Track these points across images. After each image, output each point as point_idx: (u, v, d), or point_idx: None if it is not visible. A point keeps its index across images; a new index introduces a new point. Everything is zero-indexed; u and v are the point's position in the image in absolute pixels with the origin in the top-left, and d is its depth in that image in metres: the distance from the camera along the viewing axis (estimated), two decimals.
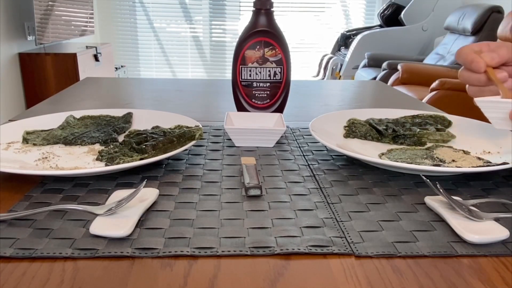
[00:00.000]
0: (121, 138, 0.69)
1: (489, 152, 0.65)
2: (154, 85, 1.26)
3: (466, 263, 0.39)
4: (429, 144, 0.70)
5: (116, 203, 0.45)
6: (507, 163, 0.55)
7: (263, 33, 0.78)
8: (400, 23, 4.20)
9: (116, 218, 0.43)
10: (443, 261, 0.39)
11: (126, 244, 0.40)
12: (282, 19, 4.46)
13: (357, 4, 4.65)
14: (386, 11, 4.36)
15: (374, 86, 1.32)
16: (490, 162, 0.59)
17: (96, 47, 3.32)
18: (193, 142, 0.62)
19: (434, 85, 2.13)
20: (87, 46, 3.31)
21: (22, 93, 2.97)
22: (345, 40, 4.52)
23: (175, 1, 4.44)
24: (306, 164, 0.62)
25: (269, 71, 0.80)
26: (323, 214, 0.47)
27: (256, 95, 0.82)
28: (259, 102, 0.82)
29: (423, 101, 1.96)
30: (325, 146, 0.67)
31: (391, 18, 4.30)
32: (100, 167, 0.55)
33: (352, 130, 0.72)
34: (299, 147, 0.70)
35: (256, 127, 0.70)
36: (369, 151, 0.66)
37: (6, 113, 2.71)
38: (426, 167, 0.56)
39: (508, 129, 0.57)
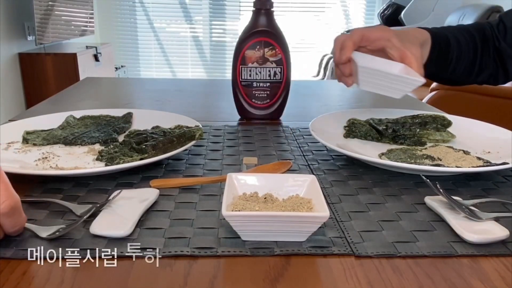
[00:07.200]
0: (121, 138, 0.69)
1: (489, 152, 0.65)
2: (154, 85, 1.26)
3: (466, 263, 0.39)
4: (429, 144, 0.70)
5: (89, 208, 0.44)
6: (507, 163, 0.55)
7: (263, 33, 0.78)
8: (400, 23, 4.19)
9: (116, 218, 0.43)
10: (443, 261, 0.39)
11: (126, 244, 0.40)
12: (282, 19, 4.46)
13: (357, 4, 4.64)
14: (386, 11, 4.35)
15: None
16: (490, 162, 0.59)
17: (96, 47, 3.31)
18: (193, 142, 0.62)
19: (434, 85, 2.13)
20: (87, 46, 3.31)
21: (22, 93, 2.96)
22: None
23: (175, 1, 4.44)
24: (306, 164, 0.62)
25: (269, 71, 0.80)
26: None
27: (256, 95, 0.82)
28: (259, 102, 0.82)
29: (423, 101, 1.96)
30: (325, 146, 0.67)
31: (391, 18, 4.29)
32: (100, 167, 0.55)
33: (352, 130, 0.72)
34: (299, 147, 0.70)
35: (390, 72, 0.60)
36: (369, 151, 0.65)
37: (6, 113, 2.70)
38: (426, 167, 0.56)
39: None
